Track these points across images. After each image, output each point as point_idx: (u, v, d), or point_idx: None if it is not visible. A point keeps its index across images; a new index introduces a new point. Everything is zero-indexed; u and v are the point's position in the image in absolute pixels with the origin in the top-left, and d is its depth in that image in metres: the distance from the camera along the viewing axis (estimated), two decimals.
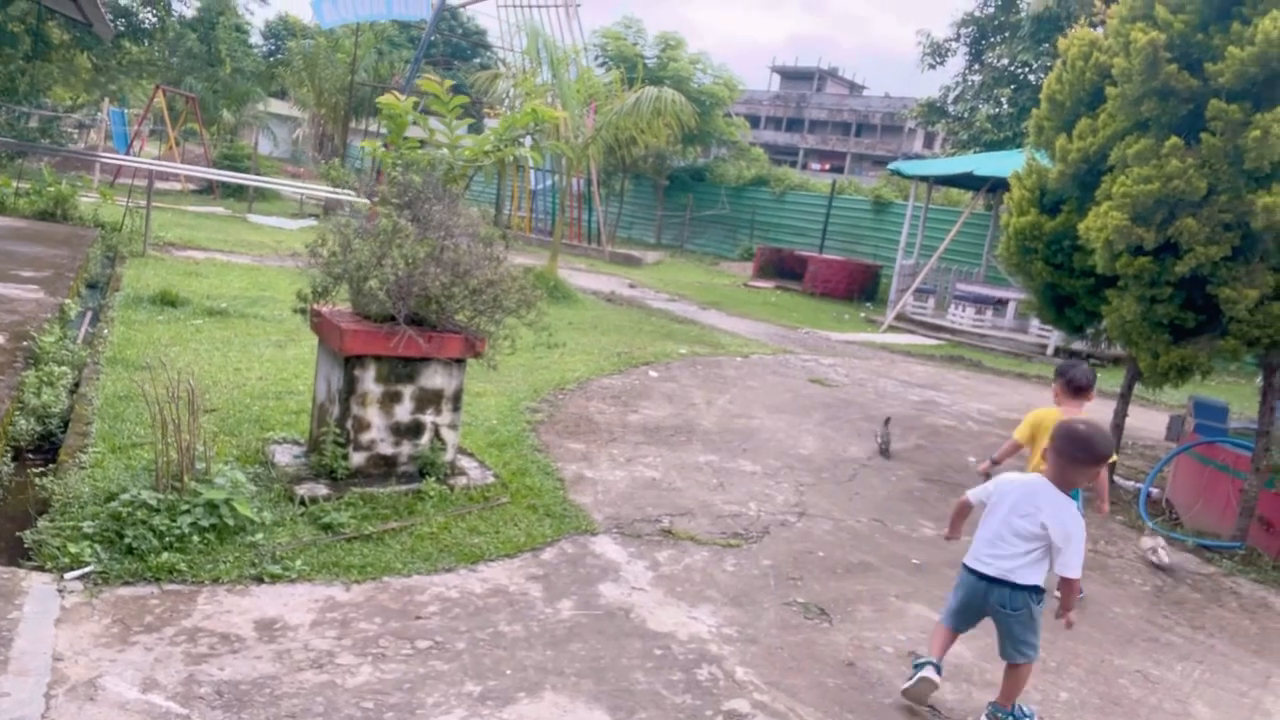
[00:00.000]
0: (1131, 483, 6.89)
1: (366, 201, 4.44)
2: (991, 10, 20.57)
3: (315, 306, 4.72)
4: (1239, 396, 11.30)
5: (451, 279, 4.26)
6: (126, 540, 3.60)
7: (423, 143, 4.59)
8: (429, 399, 4.70)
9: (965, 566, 3.39)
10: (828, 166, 61.09)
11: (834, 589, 4.21)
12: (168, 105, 26.20)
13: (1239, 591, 4.96)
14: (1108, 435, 3.39)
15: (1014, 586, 3.20)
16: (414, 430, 4.70)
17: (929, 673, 3.26)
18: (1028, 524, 3.21)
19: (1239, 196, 4.81)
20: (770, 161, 33.88)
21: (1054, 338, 14.31)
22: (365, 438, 4.57)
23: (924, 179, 17.37)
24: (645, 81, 18.29)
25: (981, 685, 3.54)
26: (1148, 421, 9.33)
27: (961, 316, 16.01)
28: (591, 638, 3.47)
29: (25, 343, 6.33)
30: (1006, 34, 20.10)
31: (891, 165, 18.29)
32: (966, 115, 21.44)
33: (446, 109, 4.61)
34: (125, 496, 3.78)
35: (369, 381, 4.51)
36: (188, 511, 3.76)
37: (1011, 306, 16.51)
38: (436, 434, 4.77)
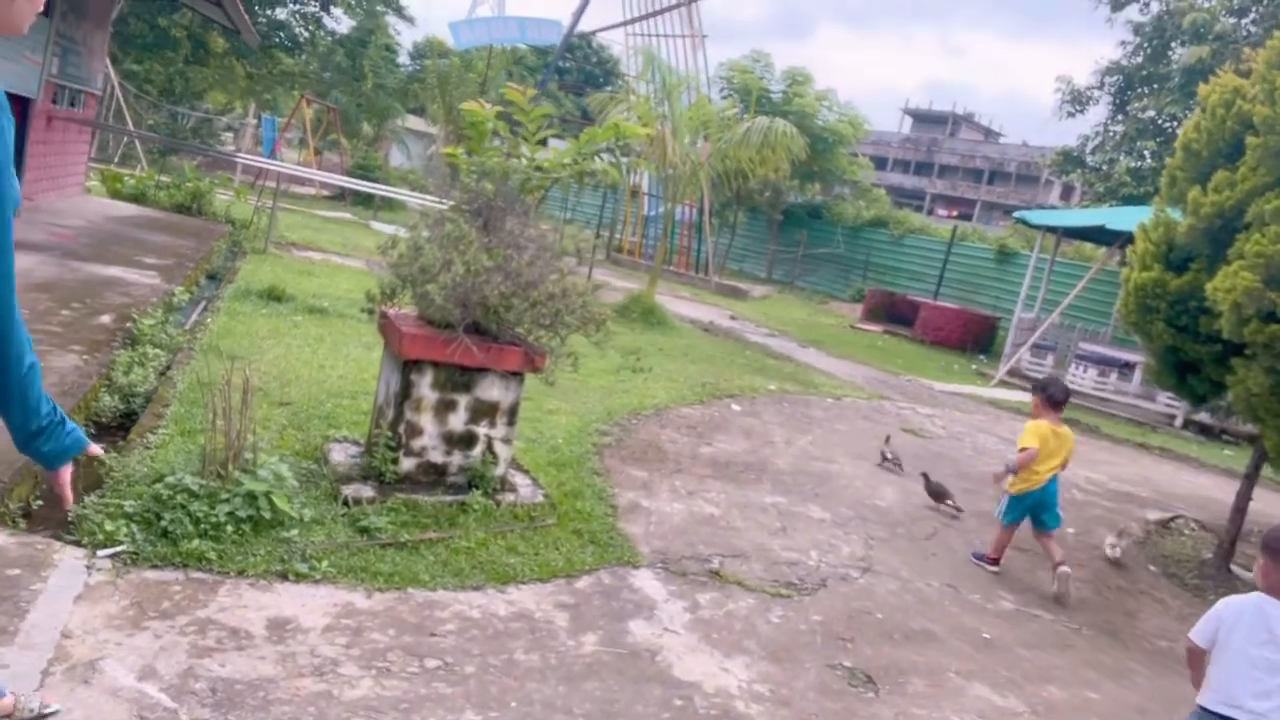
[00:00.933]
0: (1251, 574, 6.18)
1: (444, 207, 4.41)
2: (1140, 60, 19.51)
3: (382, 308, 4.72)
4: None
5: (512, 289, 4.16)
6: (163, 523, 3.62)
7: (507, 154, 4.53)
8: (484, 410, 4.61)
9: (1210, 712, 2.87)
10: (955, 213, 59.29)
11: (887, 656, 3.86)
12: (312, 115, 27.69)
13: None
14: None
15: None
16: (467, 441, 4.61)
17: None
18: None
19: None
20: (895, 205, 33.11)
21: (1183, 408, 13.25)
22: (417, 444, 4.51)
23: (1052, 230, 16.52)
24: (767, 114, 18.16)
25: None
26: (1277, 506, 8.43)
27: (1082, 377, 15.04)
28: (610, 677, 3.26)
29: (128, 324, 6.62)
30: (1155, 85, 19.01)
31: (1018, 214, 17.49)
32: (1105, 167, 20.35)
33: (528, 118, 4.55)
34: (170, 479, 3.81)
35: (425, 387, 4.45)
36: (226, 501, 3.75)
37: (1138, 371, 15.41)
38: (489, 446, 4.66)
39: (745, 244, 29.95)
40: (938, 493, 6.42)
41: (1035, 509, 5.28)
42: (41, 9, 1.84)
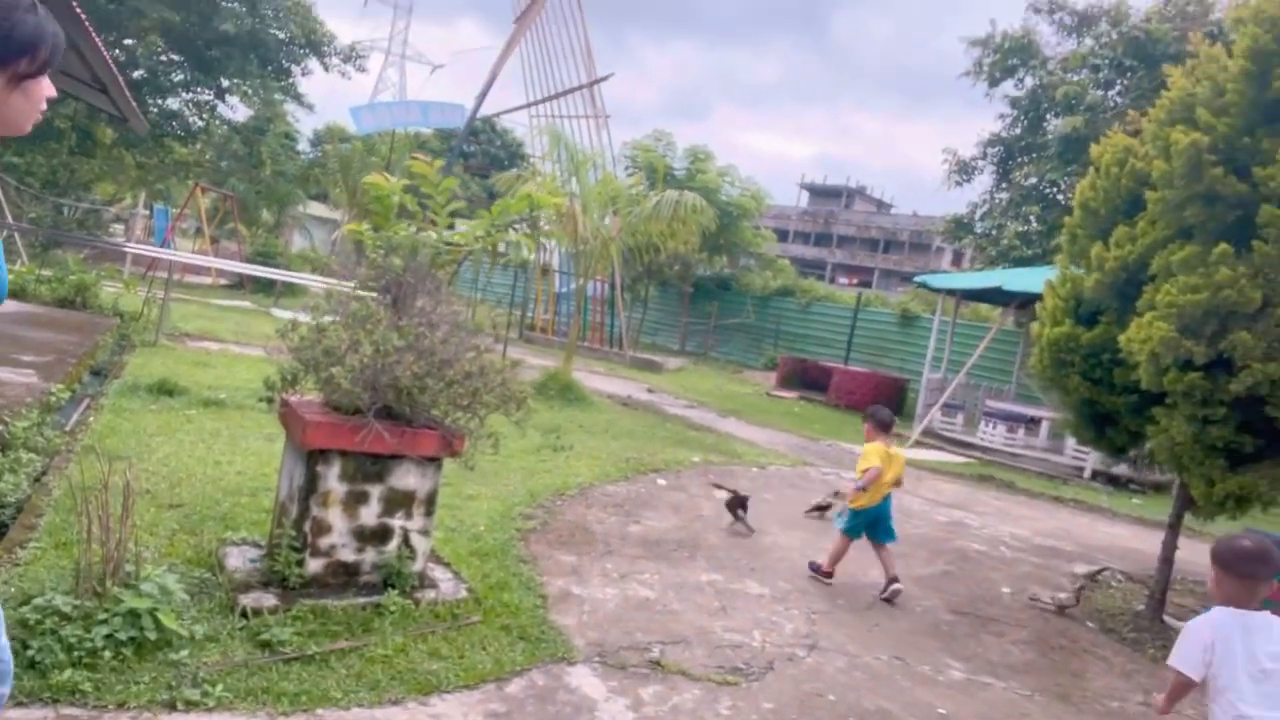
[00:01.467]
0: (1182, 624, 6.20)
1: (349, 288, 4.14)
2: (1018, 131, 20.68)
3: (283, 396, 4.37)
4: None
5: (426, 369, 3.89)
6: (30, 652, 3.15)
7: (416, 229, 4.30)
8: (399, 501, 4.27)
9: None
10: (855, 281, 61.35)
11: None
12: (208, 204, 26.89)
13: None
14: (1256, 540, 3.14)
15: None
16: (380, 535, 4.25)
17: None
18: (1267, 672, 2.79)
19: None
20: (800, 274, 33.97)
21: (1091, 459, 13.64)
22: (325, 542, 4.13)
23: (951, 292, 17.09)
24: (674, 190, 18.43)
25: None
26: (1197, 554, 8.60)
27: (992, 434, 15.40)
28: None
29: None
30: (1034, 154, 20.13)
31: (919, 278, 18.07)
32: (994, 232, 21.30)
33: (436, 190, 4.35)
34: (39, 601, 3.34)
35: (332, 479, 4.09)
36: (105, 622, 3.31)
37: (1045, 426, 15.89)
38: (405, 540, 4.31)
39: (658, 317, 30.15)
40: (735, 505, 6.95)
41: (873, 524, 5.87)
42: (43, 109, 1.76)
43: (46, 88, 1.77)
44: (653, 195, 12.49)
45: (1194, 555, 8.28)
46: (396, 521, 4.28)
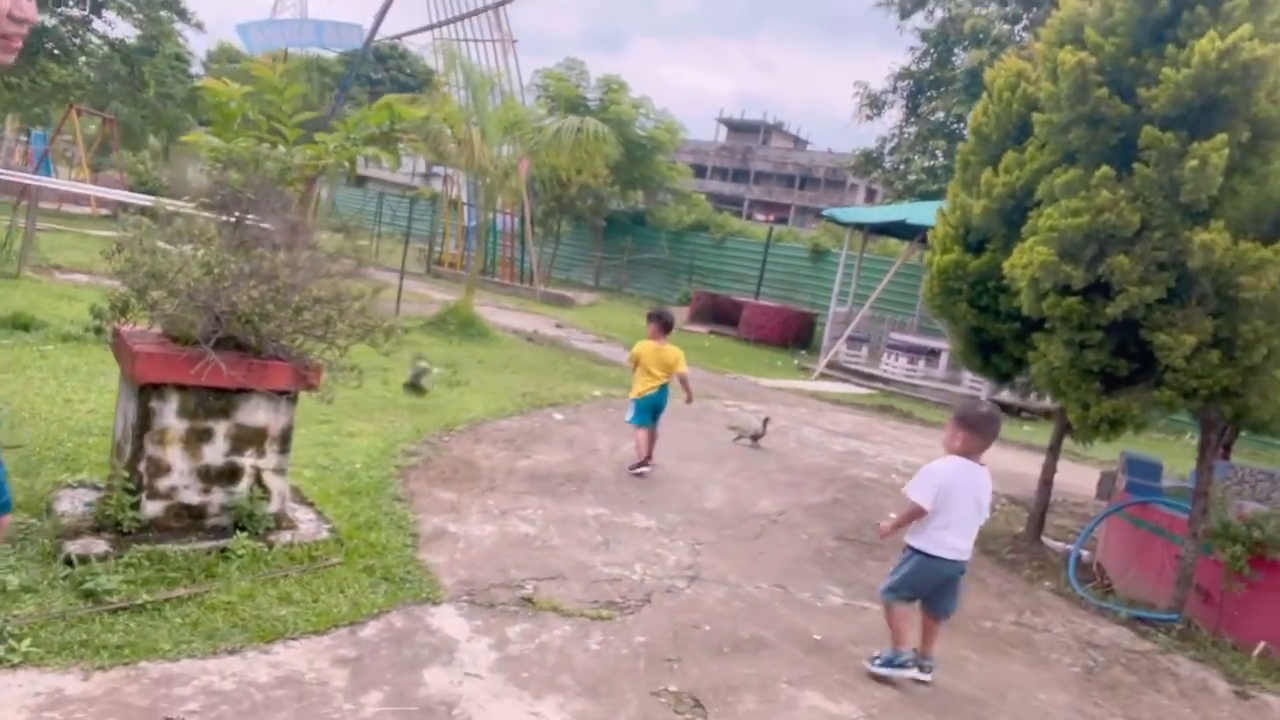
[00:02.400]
0: (1061, 544, 6.39)
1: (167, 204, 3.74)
2: (927, 65, 20.73)
3: (115, 326, 3.97)
4: (1169, 453, 11.02)
5: (269, 295, 3.56)
6: None
7: (259, 140, 3.91)
8: (249, 438, 3.96)
9: (937, 558, 3.67)
10: (772, 218, 61.51)
11: (716, 673, 3.54)
12: (95, 130, 25.02)
13: (1177, 672, 4.42)
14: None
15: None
16: (229, 475, 3.95)
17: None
18: (980, 506, 3.71)
19: (1174, 233, 4.37)
20: (716, 210, 33.80)
21: (986, 389, 14.01)
22: (164, 483, 3.80)
23: (859, 226, 17.17)
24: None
25: None
26: (1078, 478, 8.92)
27: (894, 366, 15.68)
28: None
29: None
30: (942, 88, 20.24)
31: (827, 212, 18.12)
32: (902, 166, 21.49)
33: (281, 98, 3.96)
34: None
35: (169, 415, 3.75)
36: None
37: (944, 357, 16.24)
38: (258, 479, 4.02)
39: (571, 253, 29.68)
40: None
41: (653, 409, 6.55)
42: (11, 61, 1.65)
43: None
44: (554, 122, 12.05)
45: (1073, 479, 8.56)
46: (247, 460, 3.98)
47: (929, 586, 3.74)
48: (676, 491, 6.19)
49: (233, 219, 3.71)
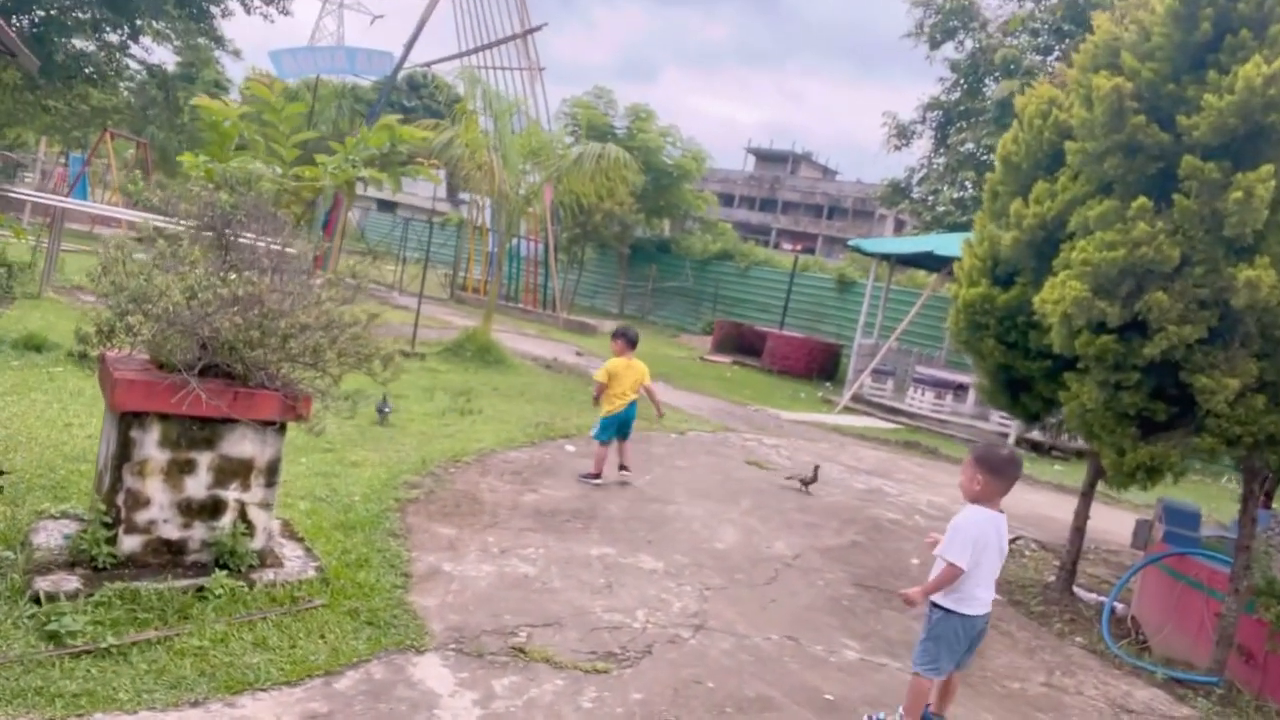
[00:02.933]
0: (1094, 595, 6.05)
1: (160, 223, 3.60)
2: (956, 95, 20.50)
3: (103, 351, 3.83)
4: (1205, 496, 10.59)
5: (254, 321, 3.40)
6: None
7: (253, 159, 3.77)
8: (233, 470, 3.79)
9: (969, 616, 3.45)
10: (799, 247, 61.21)
11: None
12: (120, 152, 25.40)
13: None
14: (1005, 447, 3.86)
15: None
16: (211, 509, 3.77)
17: None
18: (1002, 553, 3.53)
19: (1216, 269, 4.10)
20: (743, 239, 33.65)
21: (1015, 426, 13.62)
22: (143, 517, 3.63)
23: (885, 257, 16.89)
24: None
25: None
26: (1112, 522, 8.54)
27: (920, 400, 15.32)
28: None
29: None
30: (972, 119, 19.98)
31: (853, 241, 17.84)
32: (931, 198, 21.20)
33: (279, 118, 3.82)
34: None
35: (150, 446, 3.59)
36: None
37: (972, 392, 15.85)
38: (242, 514, 3.84)
39: (595, 280, 29.62)
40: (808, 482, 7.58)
41: (621, 426, 6.81)
42: None
43: None
44: (576, 148, 11.95)
45: (1107, 523, 8.19)
46: (231, 494, 3.80)
47: (964, 646, 3.51)
48: (687, 530, 5.94)
49: (221, 241, 3.56)
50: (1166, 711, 4.35)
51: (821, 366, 19.74)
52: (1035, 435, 12.99)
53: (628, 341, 7.01)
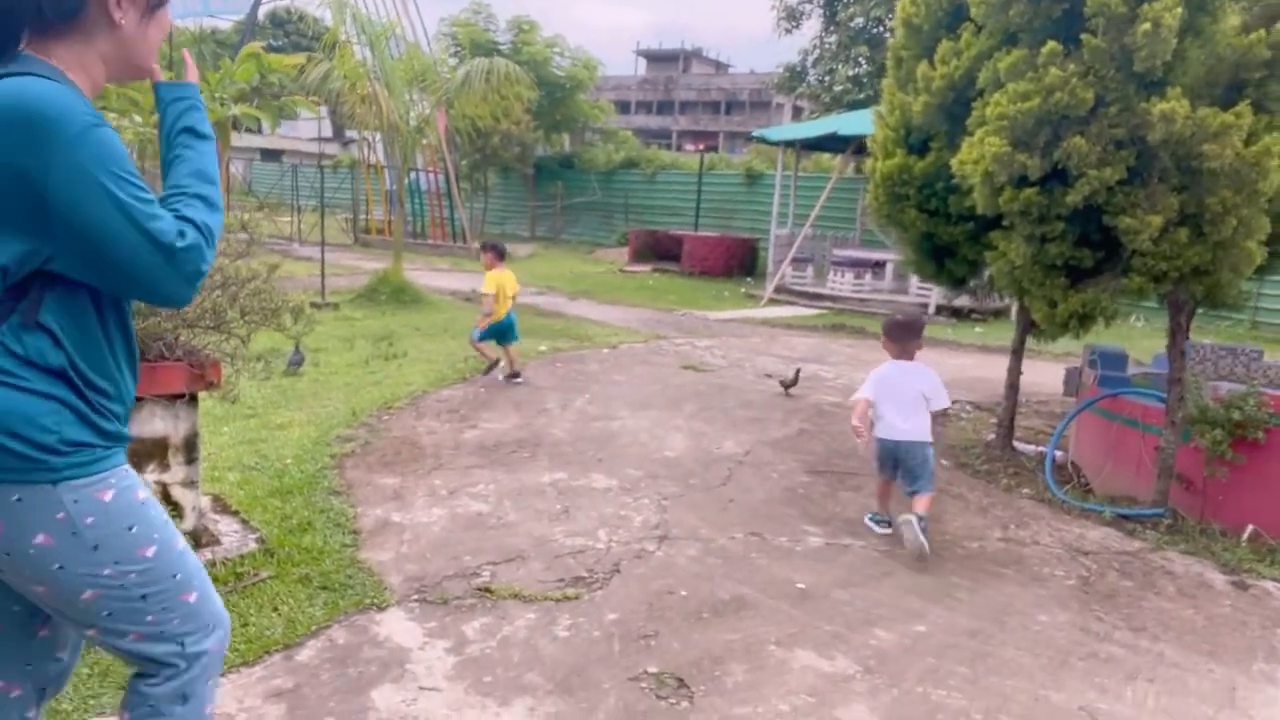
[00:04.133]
0: (1033, 447, 6.22)
1: None
2: None
3: None
4: (1116, 338, 11.00)
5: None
6: None
7: (105, 110, 3.38)
8: (147, 453, 3.51)
9: (885, 439, 4.41)
10: (702, 146, 60.54)
11: (697, 644, 3.25)
12: None
13: (1172, 570, 4.25)
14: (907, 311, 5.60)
15: (925, 445, 4.39)
16: None
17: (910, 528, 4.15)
18: (920, 395, 4.39)
19: (1130, 107, 4.07)
20: (644, 145, 33.04)
21: (934, 295, 13.90)
22: None
23: (790, 144, 16.76)
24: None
25: None
26: (1039, 375, 8.79)
27: (841, 283, 15.48)
28: None
29: None
30: None
31: (756, 132, 17.65)
32: (826, 79, 21.04)
33: None
34: None
35: None
36: None
37: (890, 268, 16.10)
38: (165, 497, 3.58)
39: (502, 205, 28.87)
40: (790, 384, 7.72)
41: (501, 333, 7.50)
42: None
43: (166, 19, 1.67)
44: (462, 68, 11.35)
45: (1035, 376, 8.42)
46: (149, 476, 3.53)
47: (890, 462, 4.45)
48: (635, 443, 5.87)
49: None
50: (1120, 548, 4.51)
51: (740, 263, 19.76)
52: (955, 302, 13.28)
53: (497, 254, 7.58)
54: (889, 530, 4.46)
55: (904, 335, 4.51)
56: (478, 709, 2.77)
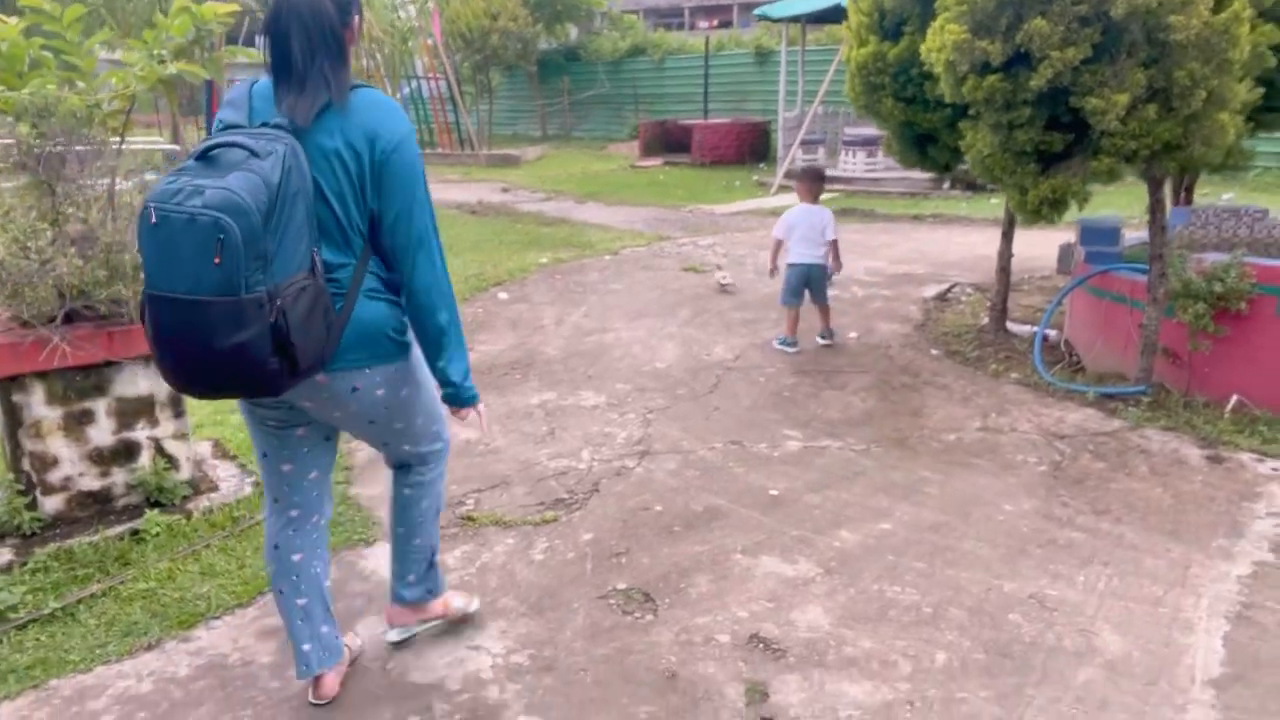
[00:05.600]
0: (1028, 327, 6.20)
1: None
2: None
3: None
4: (1126, 200, 10.71)
5: (92, 260, 3.18)
6: None
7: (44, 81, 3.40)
8: (136, 410, 3.68)
9: (794, 264, 5.85)
10: (715, 23, 58.28)
11: (666, 558, 3.41)
12: None
13: (1148, 448, 4.31)
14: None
15: (822, 267, 5.85)
16: (126, 452, 3.69)
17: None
18: (821, 230, 5.78)
19: None
20: (658, 27, 31.85)
21: None
22: (56, 476, 3.56)
23: (795, 19, 16.10)
24: None
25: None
26: (1046, 249, 8.64)
27: (853, 163, 15.14)
28: (323, 711, 2.62)
29: None
30: None
31: (758, 10, 16.93)
32: None
33: (62, 26, 3.42)
34: None
35: (38, 406, 3.46)
36: None
37: None
38: (160, 450, 3.77)
39: (510, 106, 28.29)
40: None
41: None
42: None
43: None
44: None
45: (1040, 250, 8.29)
46: (141, 433, 3.71)
47: (799, 285, 5.84)
48: (627, 355, 5.96)
49: (40, 180, 3.27)
50: (1098, 429, 4.56)
51: (753, 148, 19.36)
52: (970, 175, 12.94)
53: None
54: (796, 349, 5.88)
55: (808, 181, 5.93)
56: (454, 635, 2.97)
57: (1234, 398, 4.69)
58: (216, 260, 1.90)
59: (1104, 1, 3.84)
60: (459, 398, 2.52)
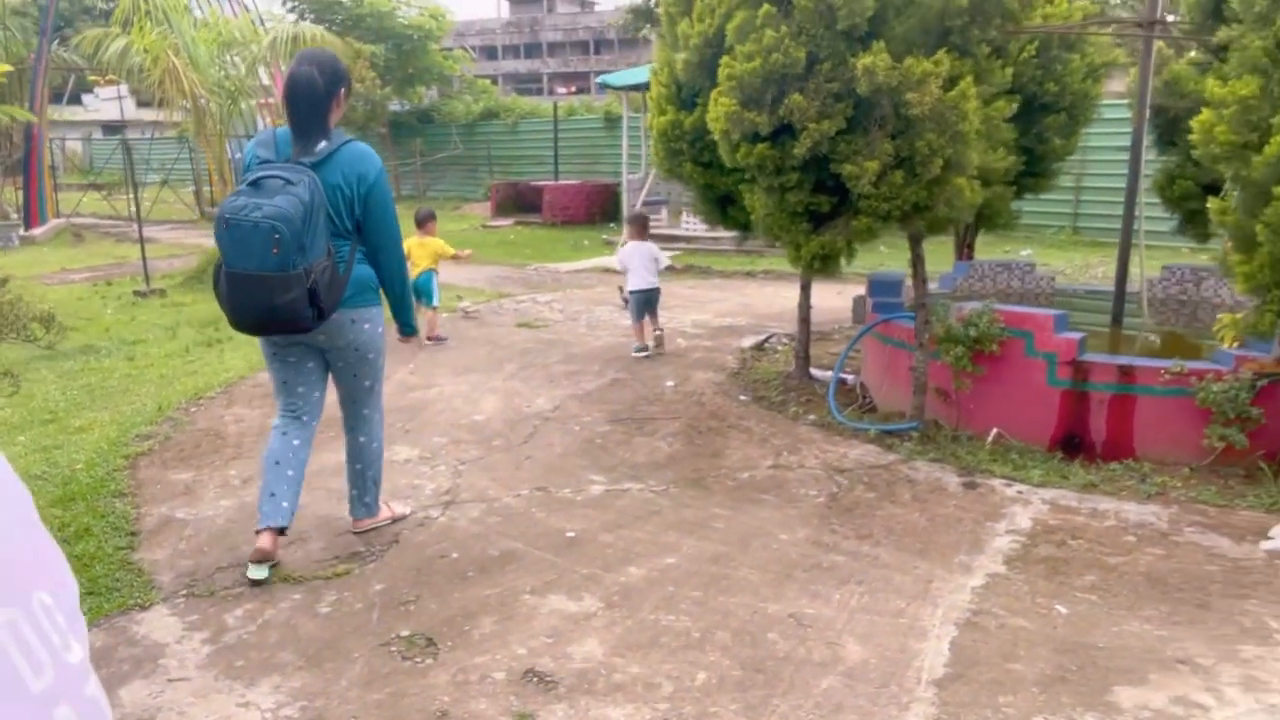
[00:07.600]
0: (827, 373, 6.66)
1: None
2: None
3: None
4: (931, 255, 11.65)
5: None
6: None
7: None
8: None
9: (635, 290, 7.31)
10: (573, 89, 59.87)
11: (455, 603, 3.49)
12: None
13: (914, 478, 4.72)
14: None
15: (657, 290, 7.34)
16: None
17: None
18: (654, 262, 7.32)
19: (843, 62, 4.37)
20: (516, 91, 32.42)
21: None
22: None
23: (635, 88, 16.82)
24: (340, 26, 16.26)
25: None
26: (845, 302, 9.29)
27: (693, 223, 15.79)
28: None
29: None
30: None
31: (601, 79, 17.62)
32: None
33: None
34: None
35: None
36: None
37: None
38: None
39: None
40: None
41: (418, 291, 7.72)
42: None
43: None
44: (267, 33, 10.96)
45: (844, 303, 8.91)
46: None
47: (644, 304, 7.33)
48: (448, 409, 6.03)
49: None
50: (875, 462, 4.96)
51: (602, 209, 19.88)
52: None
53: (418, 222, 8.38)
54: (646, 353, 7.31)
55: (634, 225, 7.66)
56: (224, 693, 2.94)
57: (994, 430, 5.21)
58: (275, 250, 3.13)
59: (852, 80, 4.32)
60: (406, 331, 4.04)
